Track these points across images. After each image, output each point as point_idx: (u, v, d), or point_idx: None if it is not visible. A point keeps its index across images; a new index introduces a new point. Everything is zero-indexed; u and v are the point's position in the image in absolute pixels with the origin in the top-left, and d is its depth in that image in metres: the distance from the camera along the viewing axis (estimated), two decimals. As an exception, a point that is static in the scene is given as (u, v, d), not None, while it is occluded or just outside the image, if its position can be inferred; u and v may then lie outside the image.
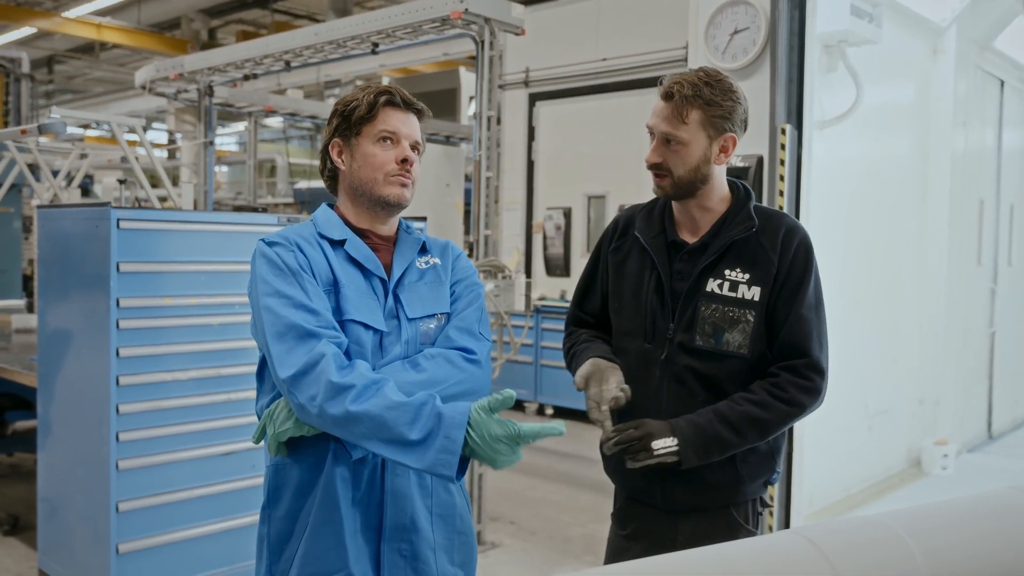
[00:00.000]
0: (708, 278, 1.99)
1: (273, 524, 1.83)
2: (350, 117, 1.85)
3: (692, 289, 1.99)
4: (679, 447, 1.89)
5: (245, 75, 6.23)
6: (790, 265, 1.97)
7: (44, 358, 3.84)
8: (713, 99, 1.92)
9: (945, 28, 6.30)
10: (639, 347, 2.05)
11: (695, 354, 1.99)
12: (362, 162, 1.85)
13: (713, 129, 1.95)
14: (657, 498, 2.04)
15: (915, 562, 1.31)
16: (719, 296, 1.97)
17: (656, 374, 2.02)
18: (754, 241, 1.99)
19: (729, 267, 1.98)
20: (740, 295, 1.97)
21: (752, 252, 1.98)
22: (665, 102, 1.96)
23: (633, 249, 2.11)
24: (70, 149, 6.97)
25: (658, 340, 2.02)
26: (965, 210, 6.72)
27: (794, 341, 1.96)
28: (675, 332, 2.00)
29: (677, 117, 1.94)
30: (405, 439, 1.62)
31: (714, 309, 1.97)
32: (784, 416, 1.95)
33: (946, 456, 6.24)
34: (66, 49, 16.99)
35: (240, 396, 3.69)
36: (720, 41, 4.00)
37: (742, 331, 1.96)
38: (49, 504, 3.85)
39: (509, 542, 4.81)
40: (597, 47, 8.23)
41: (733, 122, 1.96)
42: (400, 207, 1.88)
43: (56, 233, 3.72)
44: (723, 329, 1.96)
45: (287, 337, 1.69)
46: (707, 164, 1.97)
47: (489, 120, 4.47)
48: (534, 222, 8.94)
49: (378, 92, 1.86)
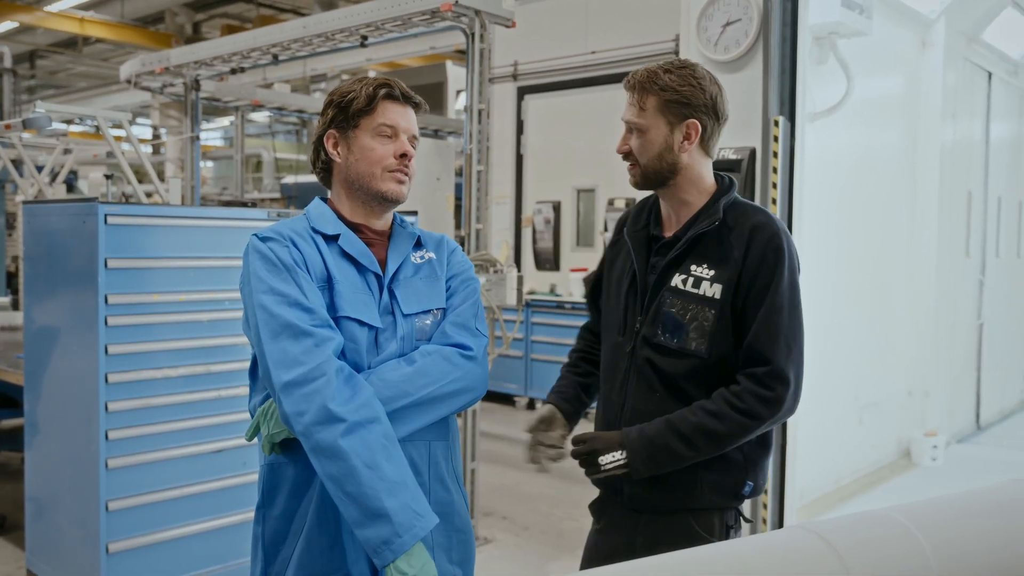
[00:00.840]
0: (674, 273, 1.95)
1: (268, 524, 1.80)
2: (347, 109, 1.81)
3: (658, 283, 1.98)
4: (627, 459, 1.89)
5: (232, 68, 6.17)
6: (758, 264, 1.88)
7: (31, 356, 3.79)
8: (669, 85, 1.91)
9: (934, 20, 6.32)
10: (613, 340, 2.06)
11: (656, 349, 1.96)
12: (360, 155, 1.82)
13: (672, 115, 1.92)
14: (623, 495, 2.02)
15: (925, 557, 1.29)
16: (681, 292, 1.93)
17: (622, 366, 2.02)
18: (723, 237, 1.93)
19: (696, 262, 1.93)
20: (702, 292, 1.91)
21: (719, 248, 1.92)
22: (628, 92, 1.98)
23: (623, 244, 2.10)
24: (54, 144, 6.89)
25: (628, 333, 2.02)
26: (953, 202, 6.74)
27: (758, 347, 1.87)
28: (641, 325, 1.99)
29: (637, 104, 1.96)
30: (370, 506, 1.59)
31: (673, 304, 1.93)
32: (740, 428, 1.86)
33: (935, 447, 6.26)
34: (48, 44, 16.82)
35: (230, 393, 3.65)
36: (712, 33, 3.97)
37: (698, 329, 1.91)
38: (37, 504, 3.80)
39: (502, 537, 4.80)
40: (586, 40, 8.20)
41: (694, 107, 1.91)
42: (398, 202, 1.86)
43: (42, 229, 3.66)
44: (682, 326, 1.92)
45: (282, 336, 1.65)
46: (670, 152, 1.94)
47: (480, 113, 4.44)
48: (523, 216, 8.91)
49: (378, 84, 1.82)
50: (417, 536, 1.60)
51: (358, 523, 1.59)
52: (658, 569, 1.13)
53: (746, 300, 1.89)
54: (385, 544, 1.58)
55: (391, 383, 1.71)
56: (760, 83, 3.88)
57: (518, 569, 4.38)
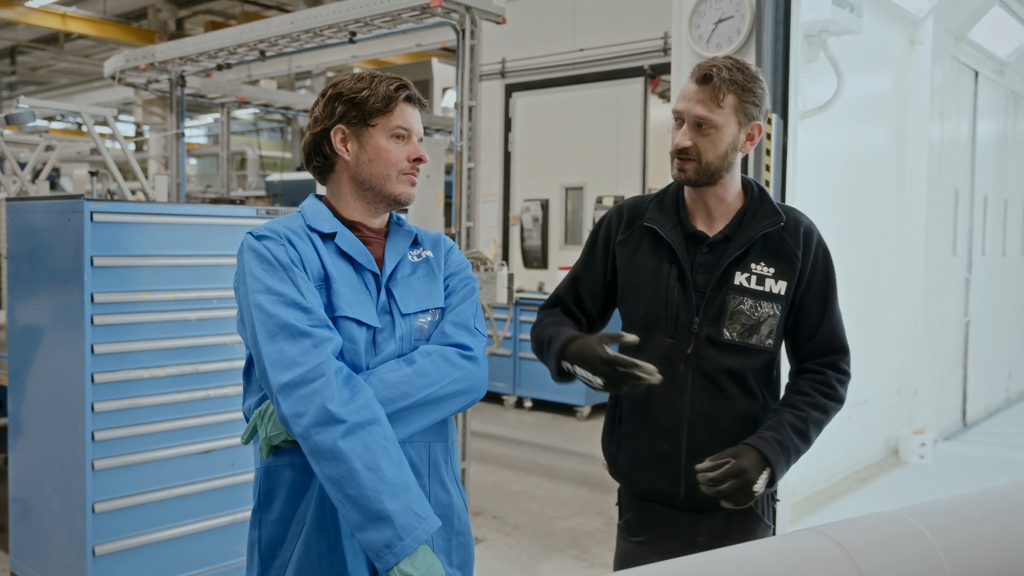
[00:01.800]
0: (735, 271, 1.97)
1: (264, 529, 1.76)
2: (363, 106, 1.76)
3: (719, 282, 1.96)
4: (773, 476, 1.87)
5: (218, 65, 6.11)
6: (814, 261, 2.01)
7: (14, 355, 3.73)
8: (747, 85, 1.93)
9: (922, 19, 6.34)
10: (660, 342, 1.99)
11: (722, 348, 1.96)
12: (375, 156, 1.77)
13: (744, 115, 1.95)
14: (680, 497, 1.98)
15: (937, 558, 1.28)
16: (747, 290, 1.96)
17: (680, 369, 1.97)
18: (776, 235, 1.99)
19: (755, 260, 1.97)
20: (767, 289, 1.96)
21: (775, 246, 1.99)
22: (700, 85, 1.94)
23: (644, 240, 2.05)
24: (37, 141, 6.81)
25: (681, 334, 1.98)
26: (941, 201, 6.77)
27: (835, 337, 2.03)
28: (700, 326, 1.96)
29: (713, 100, 1.92)
30: (371, 508, 1.56)
31: (742, 302, 1.95)
32: (835, 413, 2.00)
33: (923, 445, 6.29)
34: (29, 39, 16.64)
35: (219, 393, 3.61)
36: (704, 30, 3.96)
37: (769, 325, 1.97)
38: (21, 505, 3.74)
39: (493, 537, 4.77)
40: (574, 38, 8.18)
41: (761, 111, 1.98)
42: (407, 205, 1.83)
43: (26, 227, 3.61)
44: (754, 322, 1.96)
45: (279, 337, 1.61)
46: (734, 151, 1.97)
47: (471, 110, 4.41)
48: (511, 214, 8.89)
49: (397, 85, 1.78)
50: (419, 539, 1.57)
51: (359, 526, 1.56)
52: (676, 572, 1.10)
53: (806, 294, 2.00)
54: (387, 547, 1.55)
55: (390, 384, 1.67)
56: (752, 80, 3.87)
57: (509, 568, 4.36)
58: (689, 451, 1.96)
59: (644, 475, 2.03)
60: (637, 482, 2.07)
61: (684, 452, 1.96)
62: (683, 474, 1.96)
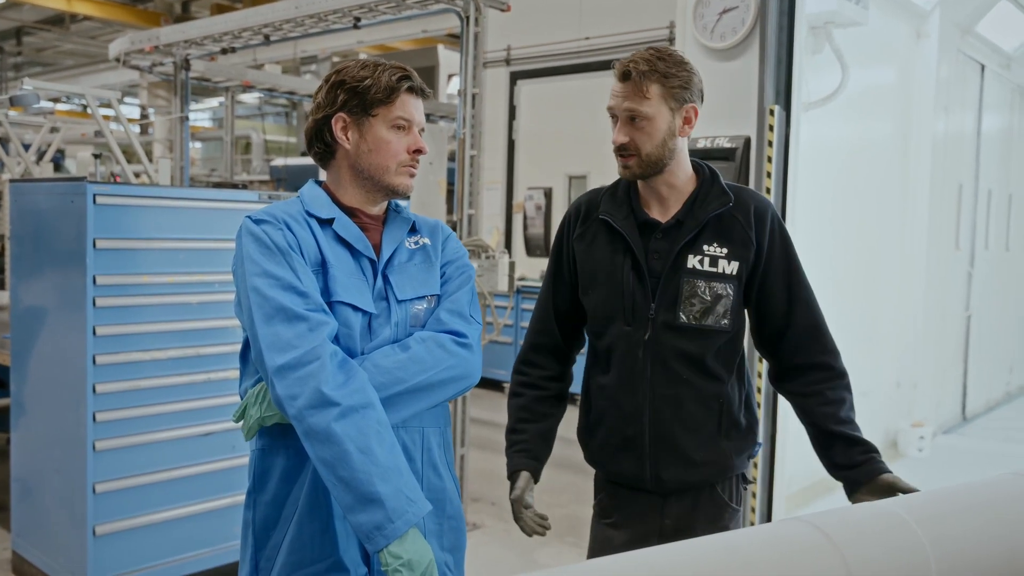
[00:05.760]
0: (688, 254, 1.98)
1: (259, 510, 1.78)
2: (364, 95, 1.76)
3: (673, 267, 1.98)
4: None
5: (223, 48, 6.11)
6: (770, 240, 2.00)
7: (17, 336, 3.76)
8: (669, 71, 1.94)
9: (929, 11, 6.31)
10: (619, 330, 2.03)
11: (680, 332, 1.98)
12: (374, 146, 1.78)
13: (674, 101, 1.96)
14: (647, 481, 2.03)
15: (923, 549, 1.29)
16: (701, 272, 1.97)
17: (639, 355, 2.00)
18: (728, 216, 2.00)
19: (707, 242, 1.99)
20: (720, 269, 1.98)
21: (728, 227, 2.00)
22: (623, 82, 1.97)
23: (600, 232, 2.07)
24: (41, 123, 6.81)
25: (639, 321, 2.00)
26: (944, 194, 6.76)
27: (813, 323, 2.04)
28: (657, 312, 1.98)
29: (638, 93, 1.94)
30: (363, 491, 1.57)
31: (696, 285, 1.97)
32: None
33: (922, 438, 6.30)
34: (35, 20, 16.60)
35: (219, 376, 3.63)
36: (709, 20, 3.95)
37: (724, 304, 1.98)
38: (23, 485, 3.78)
39: (491, 523, 4.80)
40: (580, 26, 8.15)
41: (691, 92, 1.97)
42: (406, 196, 1.84)
43: (30, 208, 3.62)
44: (708, 304, 1.97)
45: (275, 320, 1.63)
46: (672, 137, 1.98)
47: (474, 98, 4.41)
48: (514, 202, 8.88)
49: (399, 75, 1.78)
50: (409, 522, 1.59)
51: (350, 508, 1.58)
52: (659, 560, 1.12)
53: (767, 275, 2.01)
54: (377, 529, 1.57)
55: (385, 369, 1.69)
56: (756, 72, 3.86)
57: (506, 555, 4.39)
58: (653, 435, 2.01)
59: (612, 460, 2.09)
60: (607, 467, 2.13)
61: (648, 437, 2.01)
62: (647, 458, 2.02)
